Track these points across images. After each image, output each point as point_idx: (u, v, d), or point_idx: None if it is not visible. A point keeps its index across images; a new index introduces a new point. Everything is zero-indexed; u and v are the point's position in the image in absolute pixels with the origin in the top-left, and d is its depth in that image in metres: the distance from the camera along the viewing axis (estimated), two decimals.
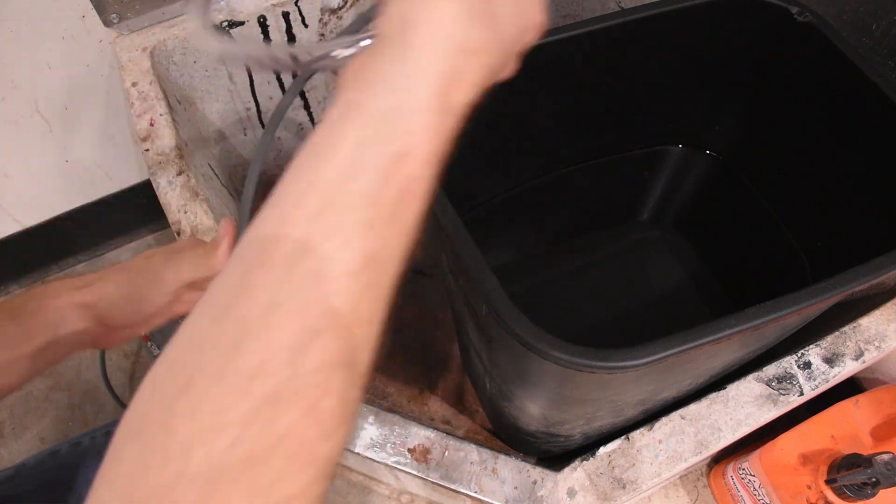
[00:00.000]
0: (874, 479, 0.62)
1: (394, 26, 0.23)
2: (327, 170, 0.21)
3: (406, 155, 0.22)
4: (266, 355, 0.19)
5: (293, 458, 0.19)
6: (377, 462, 0.57)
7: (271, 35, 0.89)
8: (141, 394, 0.20)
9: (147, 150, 0.72)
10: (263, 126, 1.02)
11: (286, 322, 0.19)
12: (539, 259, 0.86)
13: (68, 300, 0.42)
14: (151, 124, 0.74)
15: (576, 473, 0.54)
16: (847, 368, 0.59)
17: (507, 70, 0.27)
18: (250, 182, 0.40)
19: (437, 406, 0.90)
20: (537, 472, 0.55)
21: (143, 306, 0.44)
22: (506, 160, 0.73)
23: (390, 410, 0.59)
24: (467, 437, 0.74)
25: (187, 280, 0.44)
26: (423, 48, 0.22)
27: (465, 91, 0.24)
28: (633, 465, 0.54)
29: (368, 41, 0.25)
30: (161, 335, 0.93)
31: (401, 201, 0.22)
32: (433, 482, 0.55)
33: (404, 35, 0.23)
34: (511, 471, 0.55)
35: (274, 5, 0.85)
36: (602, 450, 0.55)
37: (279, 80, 0.95)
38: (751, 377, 0.59)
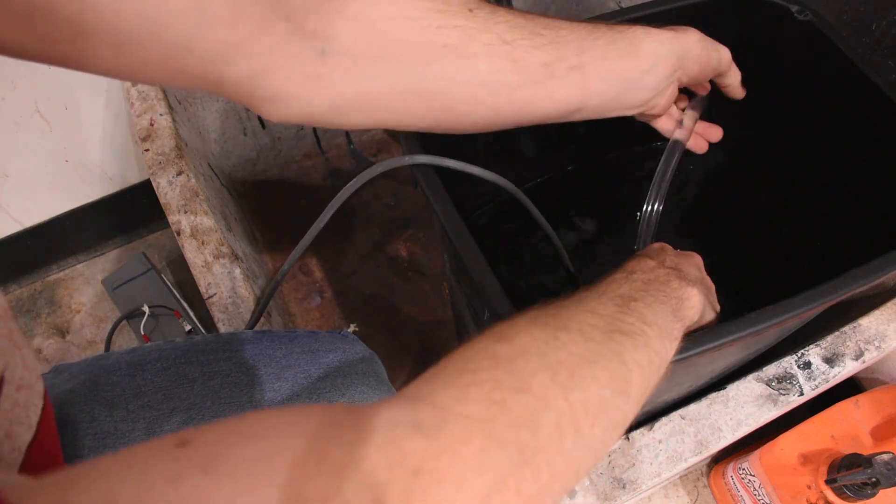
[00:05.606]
0: (874, 479, 0.62)
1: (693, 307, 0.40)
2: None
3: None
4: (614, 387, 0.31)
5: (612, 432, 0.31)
6: None
7: None
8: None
9: (147, 150, 0.72)
10: (263, 126, 1.02)
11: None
12: (539, 259, 0.86)
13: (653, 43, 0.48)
14: (151, 124, 0.74)
15: None
16: (847, 368, 0.59)
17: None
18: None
19: None
20: None
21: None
22: (506, 161, 0.73)
23: None
24: None
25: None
26: (692, 314, 0.40)
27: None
28: (633, 465, 0.54)
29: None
30: (159, 333, 0.93)
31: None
32: None
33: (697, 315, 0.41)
34: None
35: None
36: None
37: None
38: (751, 377, 0.59)
